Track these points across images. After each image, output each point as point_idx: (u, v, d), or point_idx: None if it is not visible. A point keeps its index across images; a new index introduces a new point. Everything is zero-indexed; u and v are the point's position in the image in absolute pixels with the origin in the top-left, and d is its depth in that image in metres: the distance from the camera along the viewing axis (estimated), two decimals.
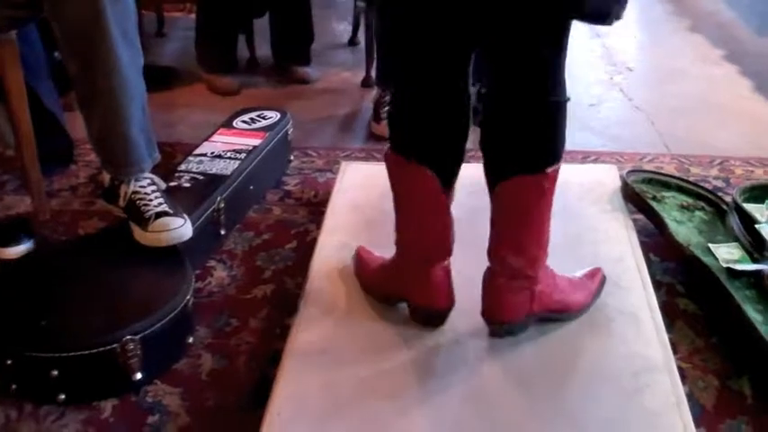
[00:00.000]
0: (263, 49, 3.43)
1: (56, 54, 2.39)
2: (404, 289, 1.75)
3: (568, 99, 1.60)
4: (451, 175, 1.67)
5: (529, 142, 1.59)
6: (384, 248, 1.81)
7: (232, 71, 3.29)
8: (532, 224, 1.65)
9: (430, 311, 1.73)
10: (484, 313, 1.70)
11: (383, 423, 1.49)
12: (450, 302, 1.72)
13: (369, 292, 1.84)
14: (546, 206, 1.65)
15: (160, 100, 2.93)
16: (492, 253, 1.67)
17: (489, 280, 1.68)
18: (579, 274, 1.83)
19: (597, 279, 1.83)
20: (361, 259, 1.90)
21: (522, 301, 1.68)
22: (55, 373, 1.59)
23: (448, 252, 1.71)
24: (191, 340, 1.79)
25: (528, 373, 1.61)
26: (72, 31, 1.86)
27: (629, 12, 4.44)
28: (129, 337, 1.61)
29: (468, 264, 1.71)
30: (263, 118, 2.54)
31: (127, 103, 1.92)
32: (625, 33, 3.96)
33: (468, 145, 1.70)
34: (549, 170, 1.58)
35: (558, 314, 1.73)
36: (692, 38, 3.82)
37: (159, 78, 3.06)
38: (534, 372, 1.61)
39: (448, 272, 1.72)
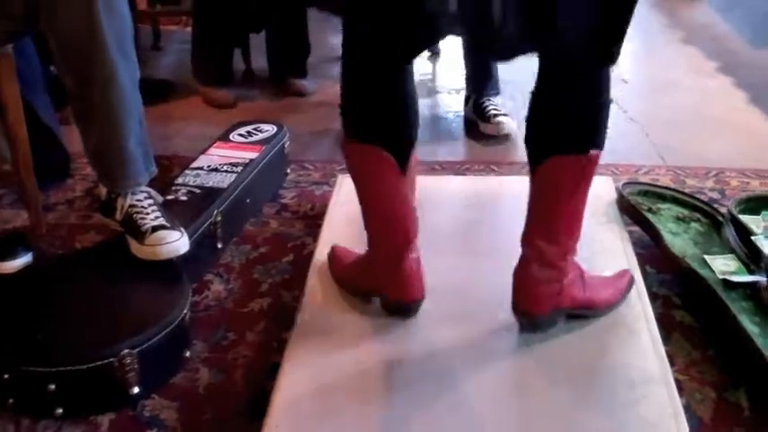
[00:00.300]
0: (260, 62, 3.44)
1: (52, 68, 2.40)
2: (376, 281, 1.78)
3: (612, 100, 1.65)
4: (406, 158, 1.70)
5: (573, 128, 1.62)
6: None
7: (228, 84, 3.30)
8: (567, 211, 1.67)
9: (400, 303, 1.76)
10: (515, 305, 1.71)
11: None
12: (420, 294, 1.75)
13: (341, 285, 1.86)
14: (582, 193, 1.68)
15: (157, 113, 2.93)
16: (525, 240, 1.69)
17: (521, 269, 1.70)
18: (607, 273, 1.84)
19: (626, 279, 1.85)
20: (335, 255, 1.94)
21: (551, 292, 1.70)
22: (52, 387, 1.59)
23: (410, 240, 1.73)
24: (188, 354, 1.78)
25: (524, 383, 1.62)
26: (68, 45, 1.86)
27: None
28: (126, 351, 1.60)
29: (464, 274, 1.71)
30: (260, 131, 2.55)
31: (124, 117, 1.92)
32: None
33: (461, 157, 1.72)
34: (592, 152, 1.62)
35: (584, 310, 1.75)
36: (686, 50, 3.84)
37: (156, 91, 3.07)
38: (530, 382, 1.61)
39: (417, 262, 1.74)
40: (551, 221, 1.68)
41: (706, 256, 1.98)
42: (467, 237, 1.79)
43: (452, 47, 3.30)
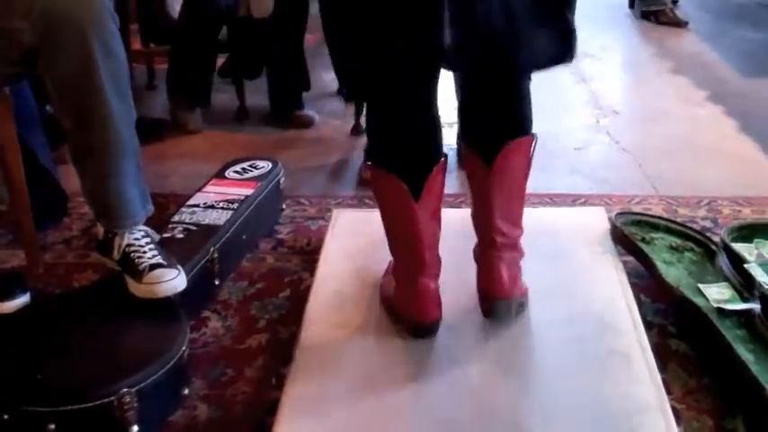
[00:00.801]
0: (253, 99, 3.47)
1: (48, 108, 2.42)
2: (397, 302, 1.84)
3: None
4: (420, 185, 1.77)
5: (513, 111, 1.82)
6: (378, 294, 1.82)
7: (201, 107, 3.35)
8: (522, 192, 1.85)
9: (415, 324, 1.81)
10: (487, 294, 1.80)
11: None
12: (435, 315, 1.79)
13: (389, 313, 1.90)
14: (527, 176, 1.85)
15: (152, 152, 2.95)
16: (489, 227, 1.79)
17: (488, 257, 1.79)
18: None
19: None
20: (384, 285, 1.98)
21: (517, 274, 1.82)
22: (52, 427, 1.59)
23: (424, 264, 1.79)
24: (186, 391, 1.79)
25: (519, 413, 1.62)
26: (65, 87, 1.88)
27: (614, 55, 4.52)
28: (125, 389, 1.61)
29: (461, 307, 1.73)
30: (255, 168, 2.57)
31: (120, 157, 1.94)
32: (610, 77, 4.03)
33: (455, 190, 1.79)
34: (532, 133, 1.82)
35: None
36: (676, 79, 3.88)
37: (151, 130, 3.09)
38: (526, 412, 1.62)
39: (434, 285, 1.79)
40: (511, 204, 1.82)
41: (700, 285, 2.00)
42: (461, 269, 1.81)
43: (442, 80, 3.33)
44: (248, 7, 3.13)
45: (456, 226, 1.95)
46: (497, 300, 1.80)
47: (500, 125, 1.81)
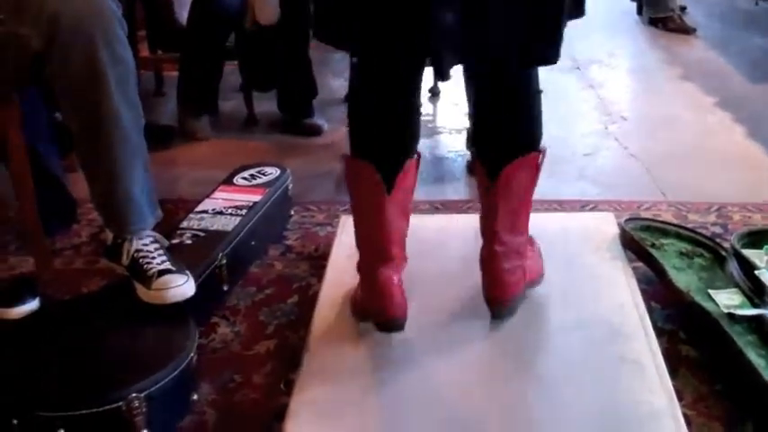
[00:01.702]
0: (261, 107, 3.48)
1: (57, 115, 2.43)
2: (362, 296, 1.88)
3: (542, 91, 1.85)
4: (393, 174, 1.81)
5: (521, 128, 1.85)
6: None
7: (209, 114, 3.36)
8: (528, 203, 1.89)
9: (378, 319, 1.82)
10: (490, 298, 1.85)
11: None
12: (396, 312, 1.80)
13: (354, 314, 1.92)
14: (532, 188, 1.89)
15: (161, 158, 2.95)
16: (491, 236, 1.84)
17: (491, 264, 1.83)
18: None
19: (536, 244, 2.05)
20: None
21: (519, 278, 1.87)
22: (61, 431, 1.59)
23: (389, 257, 1.82)
24: (195, 397, 1.79)
25: (530, 419, 1.62)
26: (72, 91, 1.89)
27: (622, 61, 4.51)
28: (134, 394, 1.61)
29: (470, 314, 1.72)
30: (263, 174, 2.57)
31: (128, 162, 1.94)
32: (619, 83, 4.02)
33: (464, 196, 1.80)
34: (540, 147, 1.85)
35: (530, 287, 1.93)
36: (685, 86, 3.87)
37: (160, 137, 3.09)
38: (536, 418, 1.62)
39: (396, 280, 1.81)
40: (516, 216, 1.86)
41: (710, 291, 1.99)
42: (468, 273, 1.82)
43: (452, 87, 3.33)
44: (254, 15, 3.13)
45: (465, 233, 1.95)
46: (499, 304, 1.86)
47: (506, 142, 1.84)
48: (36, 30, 1.85)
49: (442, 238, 2.24)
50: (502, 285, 1.85)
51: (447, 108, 3.61)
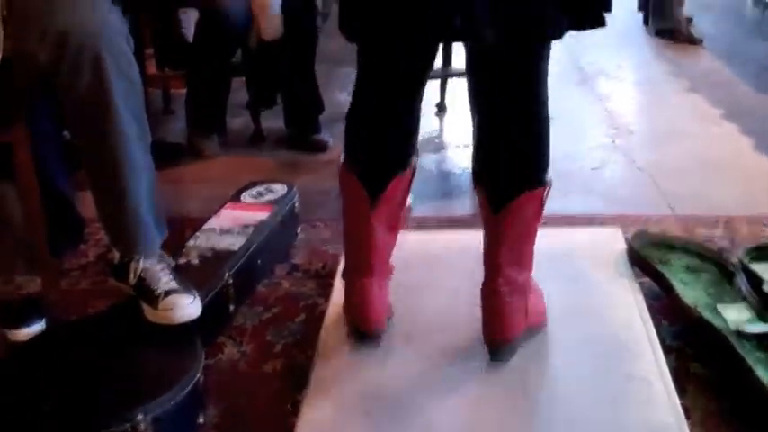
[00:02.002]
0: (269, 123, 3.48)
1: (65, 133, 2.43)
2: (344, 304, 1.89)
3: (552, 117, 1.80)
4: (379, 189, 1.82)
5: (529, 159, 1.79)
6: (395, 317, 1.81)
7: (217, 133, 3.36)
8: (531, 239, 1.84)
9: (356, 328, 1.85)
10: (491, 335, 1.79)
11: None
12: (374, 324, 1.83)
13: (347, 324, 1.92)
14: (539, 220, 1.84)
15: (169, 176, 2.95)
16: (495, 271, 1.78)
17: (493, 300, 1.78)
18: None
19: (540, 293, 1.94)
20: None
21: (522, 316, 1.81)
22: None
23: (371, 268, 1.83)
24: (201, 420, 1.78)
25: None
26: (79, 107, 1.89)
27: (629, 74, 4.49)
28: (140, 416, 1.60)
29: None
30: (270, 191, 2.57)
31: (135, 181, 1.95)
32: (626, 95, 4.02)
33: (471, 211, 1.79)
34: (547, 179, 1.80)
35: (534, 330, 1.86)
36: (691, 98, 3.86)
37: (168, 155, 3.10)
38: None
39: (378, 292, 1.83)
40: (521, 249, 1.81)
41: (718, 306, 1.98)
42: (475, 291, 1.81)
43: (459, 102, 3.34)
44: (258, 32, 3.14)
45: (474, 248, 1.94)
46: (498, 344, 1.80)
47: (512, 173, 1.78)
48: (44, 47, 1.85)
49: (448, 255, 2.23)
50: (502, 326, 1.79)
51: (454, 123, 3.60)
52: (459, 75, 3.40)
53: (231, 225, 2.35)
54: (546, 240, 2.00)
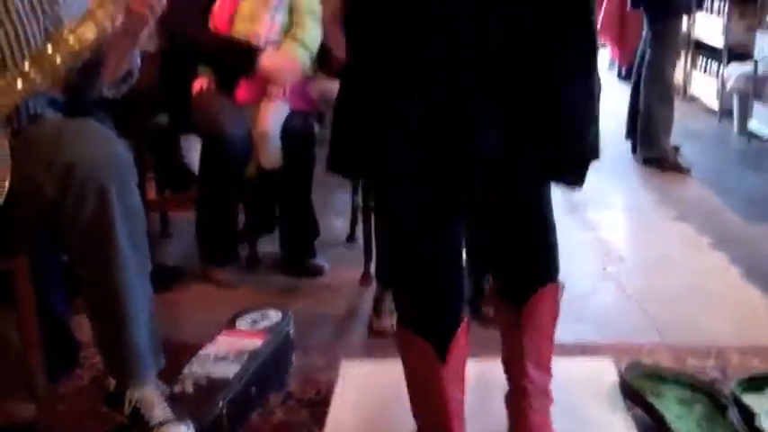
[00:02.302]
0: (264, 246, 3.53)
1: (64, 257, 2.46)
2: None
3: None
4: (445, 345, 1.74)
5: (539, 258, 1.86)
6: None
7: (231, 264, 3.38)
8: (550, 336, 1.88)
9: None
10: None
11: None
12: None
13: None
14: (556, 321, 1.90)
15: (166, 300, 2.97)
16: (518, 373, 1.81)
17: (519, 403, 1.80)
18: None
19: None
20: None
21: (547, 419, 1.82)
22: None
23: (451, 428, 1.75)
24: None
25: None
26: (83, 240, 1.93)
27: (618, 201, 4.55)
28: None
29: None
30: (265, 317, 2.58)
31: (134, 311, 1.98)
32: (615, 223, 4.09)
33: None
34: (559, 278, 1.88)
35: None
36: (680, 226, 3.93)
37: (166, 279, 3.13)
38: None
39: None
40: (541, 349, 1.83)
41: None
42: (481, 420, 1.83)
43: None
44: (258, 161, 3.22)
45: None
46: None
47: (529, 272, 1.86)
48: (50, 178, 1.90)
49: None
50: (536, 426, 1.81)
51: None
52: None
53: (226, 352, 2.36)
54: None
